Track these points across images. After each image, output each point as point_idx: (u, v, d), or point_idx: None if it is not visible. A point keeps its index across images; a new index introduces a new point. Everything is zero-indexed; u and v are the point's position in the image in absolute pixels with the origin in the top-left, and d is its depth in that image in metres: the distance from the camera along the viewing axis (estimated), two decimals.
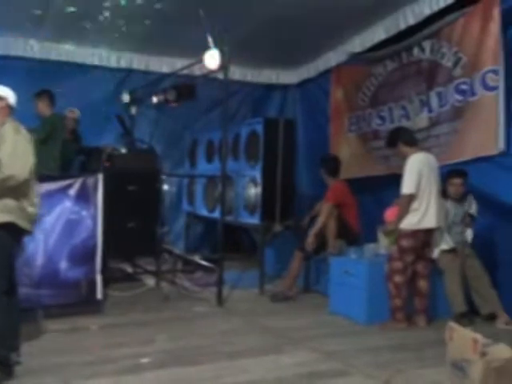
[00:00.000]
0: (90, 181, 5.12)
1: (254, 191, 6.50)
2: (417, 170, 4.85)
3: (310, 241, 5.83)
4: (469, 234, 5.32)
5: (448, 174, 5.37)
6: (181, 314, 5.30)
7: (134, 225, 6.08)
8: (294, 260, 5.95)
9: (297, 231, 6.41)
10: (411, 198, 4.84)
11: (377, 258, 5.27)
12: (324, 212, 5.88)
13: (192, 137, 8.38)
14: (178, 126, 8.29)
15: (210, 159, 7.80)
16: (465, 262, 5.20)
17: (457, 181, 5.32)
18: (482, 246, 5.33)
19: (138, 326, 4.84)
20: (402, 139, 5.09)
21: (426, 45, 6.24)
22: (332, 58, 7.68)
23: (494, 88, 5.30)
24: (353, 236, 5.96)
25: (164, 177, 6.80)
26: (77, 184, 5.05)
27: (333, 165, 6.18)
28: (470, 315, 5.08)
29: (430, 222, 4.91)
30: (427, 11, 5.93)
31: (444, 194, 5.29)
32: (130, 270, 6.92)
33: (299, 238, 5.96)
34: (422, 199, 4.87)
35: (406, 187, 4.84)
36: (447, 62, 5.95)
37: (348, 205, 6.01)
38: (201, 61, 5.69)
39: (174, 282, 6.42)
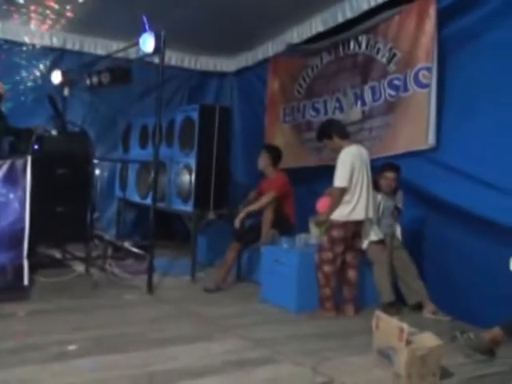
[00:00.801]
0: (19, 163, 4.94)
1: (187, 178, 6.45)
2: (350, 164, 4.90)
3: (240, 217, 5.79)
4: (397, 226, 5.46)
5: (382, 167, 5.46)
6: (110, 301, 5.22)
7: (63, 209, 5.90)
8: (229, 251, 5.93)
9: (231, 220, 6.38)
10: (343, 191, 4.90)
11: (307, 247, 5.32)
12: (267, 198, 5.85)
13: (126, 121, 8.25)
14: (111, 110, 8.14)
15: (143, 145, 7.71)
16: (393, 253, 5.33)
17: (390, 175, 5.41)
18: (412, 238, 5.47)
19: (65, 312, 4.73)
20: (335, 131, 5.12)
21: (363, 39, 6.31)
22: (270, 47, 7.70)
23: (426, 85, 5.43)
24: (289, 227, 6.00)
25: (96, 161, 6.67)
26: (5, 166, 4.87)
27: (276, 154, 6.18)
28: (398, 305, 5.20)
29: (360, 213, 4.98)
30: (365, 6, 6.01)
31: (376, 186, 5.37)
32: (58, 255, 6.76)
33: (234, 229, 5.96)
34: (353, 192, 4.94)
35: (339, 180, 4.89)
36: (382, 58, 6.04)
37: (287, 196, 6.04)
38: (136, 44, 5.60)
39: (103, 268, 6.32)
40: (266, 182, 6.16)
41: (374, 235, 5.32)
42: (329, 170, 5.17)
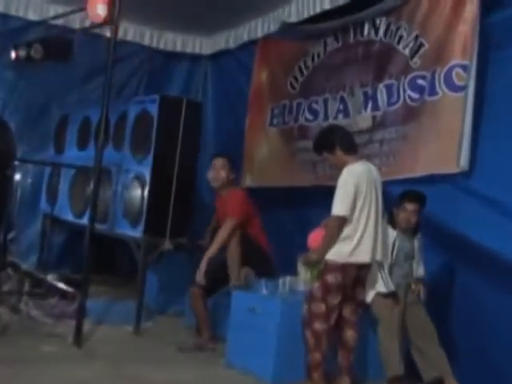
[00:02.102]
0: None
1: (139, 193, 6.43)
2: (353, 186, 4.84)
3: (202, 270, 5.86)
4: (420, 268, 5.48)
5: (401, 195, 5.45)
6: (23, 353, 5.14)
7: None
8: (193, 301, 5.98)
9: (193, 253, 6.43)
10: (343, 221, 4.84)
11: (293, 295, 5.28)
12: (226, 229, 5.94)
13: (61, 112, 8.22)
14: (42, 95, 8.08)
15: (83, 144, 7.68)
16: (406, 310, 5.28)
17: (410, 206, 5.38)
18: (431, 293, 5.41)
19: None
20: (338, 142, 5.07)
21: (381, 23, 6.31)
22: (259, 26, 7.71)
23: (461, 88, 5.41)
24: (265, 261, 6.03)
25: (17, 162, 6.72)
26: None
27: (233, 163, 6.33)
28: (409, 380, 5.15)
29: (364, 254, 4.92)
30: None
31: (391, 220, 5.37)
32: None
33: (195, 266, 5.97)
34: (357, 224, 4.88)
35: (339, 207, 4.83)
36: (404, 49, 6.04)
37: (252, 220, 6.13)
38: (82, 9, 5.64)
39: (17, 308, 6.26)
40: (220, 204, 6.29)
41: (382, 285, 5.28)
42: (326, 192, 5.13)
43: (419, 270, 5.47)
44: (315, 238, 5.06)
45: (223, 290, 6.01)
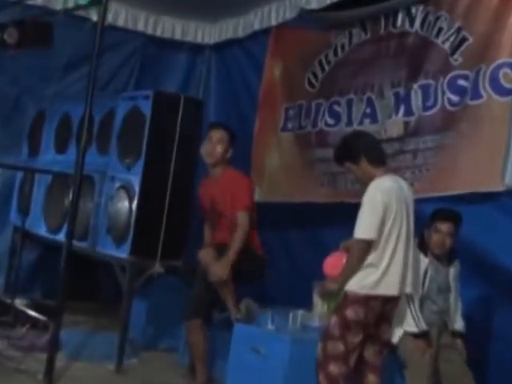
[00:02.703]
0: None
1: (126, 206, 6.43)
2: (382, 204, 4.80)
3: (227, 265, 5.75)
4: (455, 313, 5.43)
5: (433, 215, 5.43)
6: None
7: None
8: (191, 335, 5.91)
9: (188, 277, 6.40)
10: (369, 246, 4.79)
11: (306, 332, 5.27)
12: (245, 226, 5.89)
13: (37, 108, 8.25)
14: (15, 88, 8.13)
15: (62, 146, 7.69)
16: (440, 354, 5.26)
17: (444, 227, 5.35)
18: (469, 334, 5.40)
19: None
20: (365, 152, 5.02)
21: (417, 12, 6.31)
22: (272, 13, 7.71)
23: (509, 91, 5.41)
24: (259, 262, 6.08)
25: None
26: None
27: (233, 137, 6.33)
28: None
29: (392, 286, 4.87)
30: None
31: (421, 245, 5.34)
32: None
33: (193, 296, 5.97)
34: (384, 249, 4.82)
35: (364, 229, 4.80)
36: (444, 43, 6.05)
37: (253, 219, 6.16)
38: None
39: None
40: (211, 189, 6.19)
41: (411, 323, 5.22)
42: (348, 211, 5.13)
43: (457, 322, 5.42)
44: (333, 264, 5.06)
45: (217, 319, 6.05)
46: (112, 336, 6.31)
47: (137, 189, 6.34)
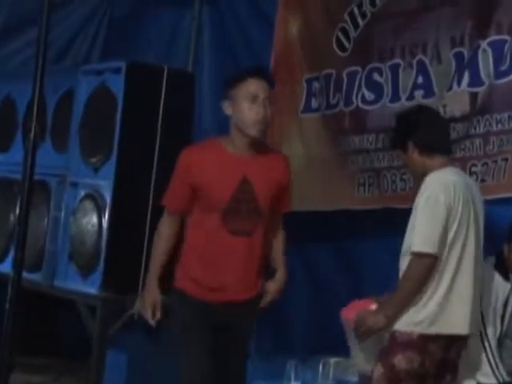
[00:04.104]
0: None
1: (94, 222, 6.54)
2: (444, 205, 4.88)
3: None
4: None
5: None
6: None
7: None
8: None
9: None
10: (433, 262, 4.85)
11: None
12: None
13: None
14: None
15: (3, 142, 7.81)
16: None
17: None
18: None
19: None
20: (414, 137, 5.11)
21: None
22: None
23: None
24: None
25: None
26: None
27: None
28: None
29: (457, 320, 4.94)
30: None
31: (499, 264, 5.42)
32: None
33: None
34: (443, 270, 4.91)
35: (423, 240, 4.85)
36: None
37: None
38: None
39: None
40: (246, 168, 5.42)
41: (488, 373, 5.30)
42: (397, 218, 5.29)
43: None
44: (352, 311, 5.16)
45: None
46: None
47: (108, 198, 6.44)
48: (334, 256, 6.82)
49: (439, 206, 4.86)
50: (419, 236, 4.86)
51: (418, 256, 4.83)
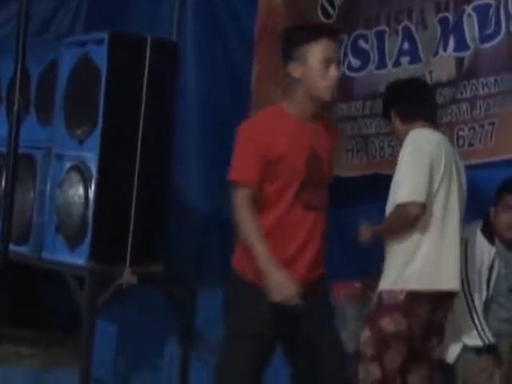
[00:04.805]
0: None
1: (80, 194, 6.53)
2: (428, 157, 4.96)
3: None
4: None
5: (501, 186, 5.53)
6: None
7: None
8: None
9: (172, 287, 6.54)
10: (422, 211, 4.88)
11: None
12: None
13: None
14: None
15: None
16: None
17: None
18: None
19: None
20: (397, 106, 5.23)
21: None
22: None
23: None
24: None
25: None
26: None
27: None
28: None
29: (445, 275, 4.98)
30: None
31: (485, 228, 5.44)
32: None
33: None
34: (429, 222, 4.96)
35: (408, 189, 4.90)
36: None
37: None
38: None
39: None
40: (314, 138, 5.02)
41: (474, 335, 5.32)
42: (385, 184, 5.25)
43: None
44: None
45: None
46: (70, 374, 6.37)
47: (94, 170, 6.42)
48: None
49: (423, 155, 4.95)
50: (404, 187, 4.94)
51: (402, 204, 4.91)
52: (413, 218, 4.87)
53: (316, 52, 4.71)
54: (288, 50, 4.80)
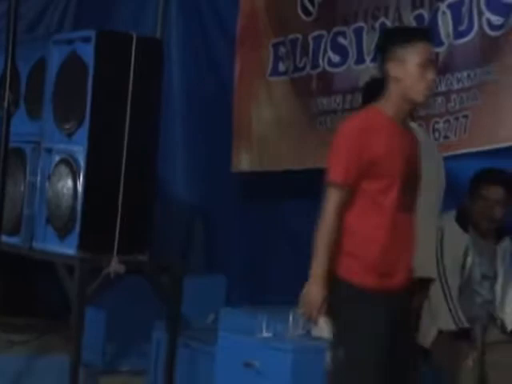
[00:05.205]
0: None
1: (69, 186, 6.59)
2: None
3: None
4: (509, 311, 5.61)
5: (476, 177, 5.62)
6: None
7: None
8: None
9: (158, 277, 6.58)
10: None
11: (311, 339, 5.44)
12: None
13: None
14: None
15: None
16: (485, 355, 5.38)
17: (493, 192, 5.50)
18: None
19: None
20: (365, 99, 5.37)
21: None
22: None
23: None
24: None
25: None
26: None
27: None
28: None
29: (421, 265, 4.97)
30: None
31: (460, 217, 5.56)
32: None
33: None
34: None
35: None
36: None
37: None
38: None
39: None
40: (407, 142, 5.03)
41: (448, 320, 5.40)
42: None
43: (508, 316, 5.56)
44: None
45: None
46: (60, 360, 6.39)
47: (82, 162, 6.45)
48: (308, 213, 6.86)
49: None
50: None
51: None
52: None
53: (416, 54, 4.70)
54: (387, 50, 4.79)
